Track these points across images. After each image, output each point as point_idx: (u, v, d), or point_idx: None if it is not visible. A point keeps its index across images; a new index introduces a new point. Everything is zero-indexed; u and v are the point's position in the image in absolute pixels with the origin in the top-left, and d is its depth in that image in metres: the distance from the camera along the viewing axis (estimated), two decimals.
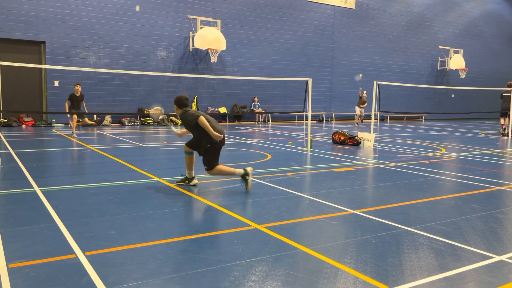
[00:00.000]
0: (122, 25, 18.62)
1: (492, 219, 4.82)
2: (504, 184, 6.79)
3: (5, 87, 16.76)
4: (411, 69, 27.75)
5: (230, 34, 20.80)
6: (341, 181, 6.77)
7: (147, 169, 7.64)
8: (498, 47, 32.13)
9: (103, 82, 18.35)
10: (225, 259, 3.51)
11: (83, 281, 3.06)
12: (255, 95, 21.97)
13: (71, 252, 3.59)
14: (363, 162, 8.94)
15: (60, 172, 7.84)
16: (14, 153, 9.35)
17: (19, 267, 3.28)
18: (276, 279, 3.16)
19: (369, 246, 3.86)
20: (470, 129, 20.02)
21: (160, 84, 19.72)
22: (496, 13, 31.67)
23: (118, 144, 11.78)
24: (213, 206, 5.22)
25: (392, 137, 14.68)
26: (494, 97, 22.49)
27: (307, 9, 23.43)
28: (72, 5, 17.58)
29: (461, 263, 3.51)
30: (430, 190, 6.31)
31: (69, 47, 17.69)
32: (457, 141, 14.11)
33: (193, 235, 4.12)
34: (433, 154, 10.27)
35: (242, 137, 13.93)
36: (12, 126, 16.71)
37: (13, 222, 4.41)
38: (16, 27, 16.65)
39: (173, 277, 3.16)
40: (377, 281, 3.13)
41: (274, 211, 4.99)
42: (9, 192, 5.75)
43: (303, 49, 23.40)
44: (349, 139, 11.92)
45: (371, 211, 5.05)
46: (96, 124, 18.12)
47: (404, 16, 27.06)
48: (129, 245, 3.79)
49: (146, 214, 4.79)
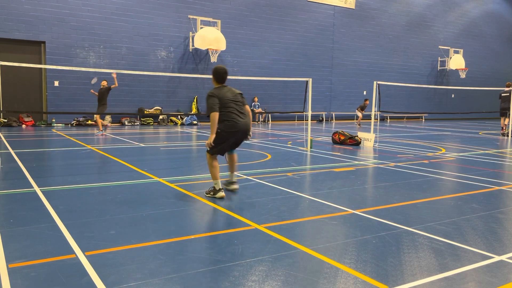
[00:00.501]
0: (122, 25, 18.63)
1: (492, 219, 4.82)
2: (504, 184, 6.79)
3: (5, 87, 16.76)
4: (411, 69, 27.75)
5: (230, 34, 20.80)
6: (341, 181, 6.77)
7: (147, 169, 7.64)
8: (498, 47, 32.13)
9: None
10: (225, 259, 3.51)
11: (83, 281, 3.06)
12: (255, 95, 21.97)
13: (71, 252, 3.59)
14: (363, 162, 8.94)
15: (60, 172, 7.84)
16: (14, 153, 9.35)
17: (19, 267, 3.28)
18: (276, 279, 3.16)
19: (369, 246, 3.86)
20: (470, 129, 20.02)
21: (160, 84, 19.73)
22: (496, 13, 31.67)
23: (118, 144, 11.79)
24: (213, 206, 5.21)
25: (392, 137, 14.68)
26: (494, 97, 22.47)
27: (307, 9, 23.43)
28: (72, 5, 17.58)
29: (461, 263, 3.51)
30: (430, 190, 6.31)
31: (69, 47, 17.69)
32: (457, 141, 14.11)
33: (193, 235, 4.12)
34: (433, 154, 10.27)
35: None
36: (12, 126, 16.71)
37: (13, 222, 4.41)
38: (16, 27, 16.65)
39: (173, 277, 3.16)
40: (377, 281, 3.13)
41: (274, 211, 4.99)
42: (9, 192, 5.75)
43: (303, 49, 23.40)
44: (349, 139, 11.92)
45: (371, 211, 5.05)
46: (96, 124, 18.11)
47: (404, 16, 27.05)
48: (129, 245, 3.79)
49: (146, 214, 4.79)
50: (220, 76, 5.68)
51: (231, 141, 5.59)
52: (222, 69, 5.70)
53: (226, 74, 5.70)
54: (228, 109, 5.48)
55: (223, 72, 5.68)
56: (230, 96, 5.56)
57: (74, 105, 17.70)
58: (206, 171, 7.60)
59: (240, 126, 5.50)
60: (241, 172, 7.33)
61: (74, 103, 17.73)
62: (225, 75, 5.69)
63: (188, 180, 6.78)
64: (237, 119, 5.48)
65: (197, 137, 14.17)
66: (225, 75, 5.69)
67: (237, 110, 5.54)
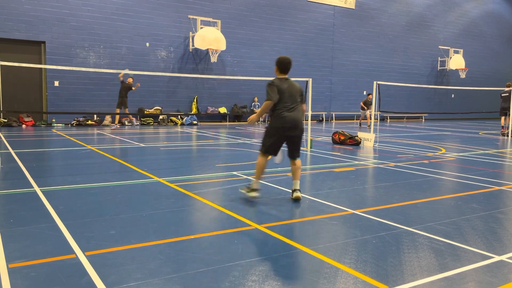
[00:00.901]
0: (122, 25, 18.63)
1: (492, 219, 4.82)
2: (504, 184, 6.79)
3: (5, 87, 16.78)
4: (411, 69, 27.75)
5: (230, 34, 20.79)
6: (341, 181, 6.77)
7: (147, 169, 7.64)
8: (498, 47, 32.13)
9: (103, 82, 18.34)
10: (225, 259, 3.51)
11: (83, 281, 3.06)
12: (255, 95, 21.96)
13: (71, 252, 3.59)
14: (363, 162, 8.94)
15: (60, 172, 7.84)
16: (14, 153, 9.35)
17: (19, 267, 3.28)
18: (276, 279, 3.16)
19: (369, 246, 3.86)
20: (470, 129, 20.02)
21: (160, 84, 19.73)
22: (496, 13, 31.67)
23: (118, 144, 11.79)
24: (213, 206, 5.21)
25: (392, 137, 14.68)
26: (494, 97, 22.51)
27: (307, 9, 23.43)
28: (72, 5, 17.58)
29: (461, 263, 3.51)
30: (430, 190, 6.31)
31: (69, 47, 17.69)
32: (457, 141, 14.11)
33: (193, 235, 4.12)
34: (433, 154, 10.27)
35: (242, 137, 13.93)
36: (12, 126, 16.71)
37: (13, 222, 4.41)
38: (16, 27, 16.65)
39: (173, 277, 3.16)
40: (377, 281, 3.13)
41: (274, 211, 4.99)
42: (9, 192, 5.75)
43: (303, 49, 23.40)
44: (349, 139, 11.92)
45: (371, 211, 5.05)
46: (96, 124, 18.13)
47: (404, 16, 27.06)
48: (129, 245, 3.79)
49: (146, 214, 4.79)
50: (284, 66, 5.47)
51: (281, 138, 5.43)
52: (286, 59, 5.49)
53: (290, 64, 5.49)
54: (283, 104, 5.31)
55: (287, 62, 5.47)
56: (290, 92, 5.38)
57: (74, 105, 17.71)
58: (206, 171, 7.62)
59: (289, 122, 5.30)
60: (241, 172, 7.34)
61: (74, 103, 17.73)
62: (289, 65, 5.49)
63: (188, 180, 6.78)
64: (287, 115, 5.29)
65: (197, 137, 14.17)
66: (289, 65, 5.48)
67: (291, 107, 5.35)
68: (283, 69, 5.49)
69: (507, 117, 16.07)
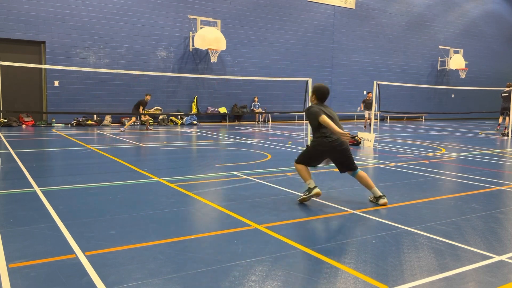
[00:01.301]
0: (122, 25, 18.63)
1: (492, 219, 4.82)
2: (504, 184, 6.79)
3: (5, 87, 16.75)
4: (411, 69, 27.75)
5: (230, 34, 20.79)
6: (341, 181, 6.77)
7: (147, 169, 7.64)
8: (498, 47, 32.13)
9: (103, 82, 18.35)
10: (225, 259, 3.51)
11: (83, 281, 3.06)
12: (255, 95, 21.97)
13: (71, 252, 3.59)
14: (363, 162, 8.94)
15: (60, 172, 7.84)
16: (14, 153, 9.35)
17: (19, 267, 3.28)
18: (276, 279, 3.16)
19: (369, 246, 3.86)
20: (470, 129, 20.02)
21: (160, 84, 19.73)
22: (496, 13, 31.67)
23: (118, 144, 11.79)
24: (213, 206, 5.21)
25: (392, 137, 14.68)
26: (494, 97, 22.50)
27: (307, 9, 23.43)
28: (72, 5, 17.58)
29: (461, 263, 3.51)
30: (430, 190, 6.31)
31: (69, 47, 17.70)
32: (457, 141, 14.11)
33: (193, 235, 4.12)
34: (433, 154, 10.27)
35: (242, 137, 13.93)
36: (12, 126, 16.71)
37: (13, 222, 4.41)
38: (16, 27, 16.65)
39: (173, 277, 3.16)
40: (377, 281, 3.13)
41: (274, 211, 4.99)
42: (9, 192, 5.75)
43: (303, 49, 23.40)
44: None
45: (371, 211, 5.05)
46: (96, 124, 18.13)
47: (404, 16, 27.05)
48: (129, 245, 3.79)
49: (146, 214, 4.79)
50: (323, 95, 5.40)
51: (321, 159, 5.46)
52: (326, 88, 5.42)
53: (328, 94, 5.41)
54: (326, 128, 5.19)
55: (326, 92, 5.38)
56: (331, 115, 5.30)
57: (74, 105, 17.71)
58: (206, 171, 7.62)
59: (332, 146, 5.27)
60: (241, 172, 7.34)
61: (74, 103, 17.74)
62: (327, 95, 5.40)
63: (188, 180, 6.77)
64: (332, 137, 5.23)
65: (197, 137, 14.17)
66: (327, 95, 5.40)
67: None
68: (322, 98, 5.42)
69: (507, 117, 16.07)
